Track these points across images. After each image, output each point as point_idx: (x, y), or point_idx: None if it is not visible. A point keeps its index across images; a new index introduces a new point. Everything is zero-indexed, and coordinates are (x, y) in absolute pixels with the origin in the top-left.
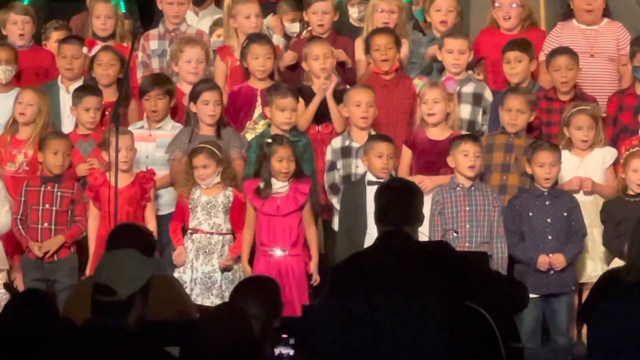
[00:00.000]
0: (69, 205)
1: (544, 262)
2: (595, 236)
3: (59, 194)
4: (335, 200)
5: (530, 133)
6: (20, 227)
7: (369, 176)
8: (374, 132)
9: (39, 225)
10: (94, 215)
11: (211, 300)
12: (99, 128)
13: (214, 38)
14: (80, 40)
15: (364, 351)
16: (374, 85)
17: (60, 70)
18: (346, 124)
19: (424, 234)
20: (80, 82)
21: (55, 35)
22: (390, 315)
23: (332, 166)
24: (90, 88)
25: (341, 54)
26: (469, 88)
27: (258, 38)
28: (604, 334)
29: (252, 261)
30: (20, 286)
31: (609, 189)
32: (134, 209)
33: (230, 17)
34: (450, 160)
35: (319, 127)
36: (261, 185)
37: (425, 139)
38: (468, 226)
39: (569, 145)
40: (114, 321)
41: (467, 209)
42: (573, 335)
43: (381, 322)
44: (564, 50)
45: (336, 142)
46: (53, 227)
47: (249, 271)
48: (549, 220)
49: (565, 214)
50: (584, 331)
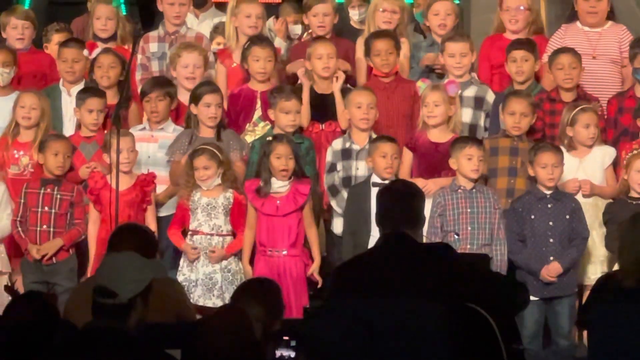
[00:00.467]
0: (68, 208)
1: (544, 275)
2: (595, 238)
3: (59, 196)
4: (334, 203)
5: (533, 135)
6: (19, 230)
7: (374, 178)
8: (374, 135)
9: (38, 228)
10: (93, 219)
11: (212, 301)
12: (101, 130)
13: (213, 45)
14: (80, 43)
15: (365, 353)
16: (374, 88)
17: (61, 74)
18: (348, 124)
19: (423, 236)
20: (82, 85)
21: (57, 38)
22: (391, 317)
23: (332, 168)
24: (94, 90)
25: (343, 64)
26: (470, 91)
27: (259, 40)
28: (603, 338)
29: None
30: (21, 289)
31: (609, 189)
32: (134, 212)
33: (232, 15)
34: (452, 163)
35: (323, 126)
36: (261, 183)
37: (426, 142)
38: (470, 228)
39: (569, 147)
40: (115, 324)
41: (469, 211)
42: (575, 337)
43: (382, 324)
44: (566, 49)
45: (337, 144)
46: (52, 230)
47: (250, 271)
48: (551, 224)
49: (568, 217)
50: (585, 333)
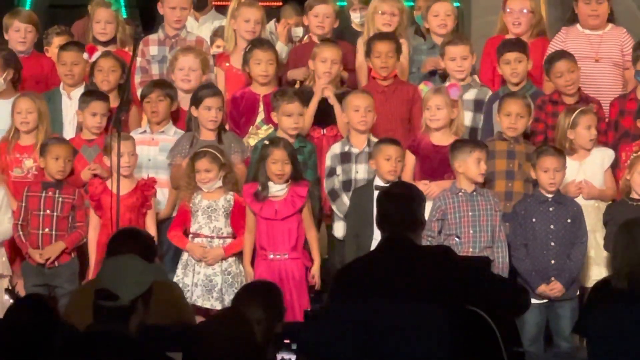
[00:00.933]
0: (69, 211)
1: (542, 292)
2: (599, 240)
3: (60, 199)
4: (335, 207)
5: (535, 138)
6: (20, 233)
7: (377, 180)
8: (373, 138)
9: (40, 231)
10: (94, 224)
11: (211, 302)
12: (103, 133)
13: (213, 49)
14: (80, 46)
15: (365, 356)
16: (372, 92)
17: (61, 77)
18: (347, 129)
19: (424, 239)
20: (82, 88)
21: (57, 41)
22: (392, 319)
23: (332, 172)
24: (98, 93)
25: (344, 74)
26: (470, 95)
27: (260, 43)
28: (601, 341)
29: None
30: (21, 292)
31: (608, 191)
32: (135, 216)
33: (232, 18)
34: (458, 166)
35: (324, 130)
36: (259, 187)
37: (429, 145)
38: (471, 231)
39: (568, 150)
40: (116, 326)
41: (470, 214)
42: (576, 340)
43: (383, 327)
44: (560, 55)
45: (335, 148)
46: (53, 233)
47: (251, 273)
48: (552, 227)
49: (569, 221)
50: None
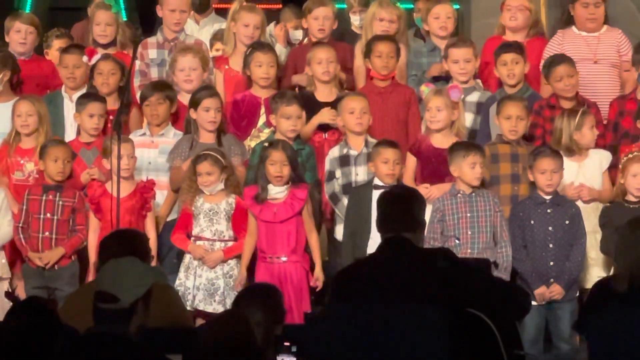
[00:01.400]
0: (70, 214)
1: (542, 295)
2: (599, 241)
3: (60, 202)
4: (337, 210)
5: (533, 142)
6: (21, 236)
7: (377, 180)
8: (371, 139)
9: (40, 234)
10: (93, 227)
11: (213, 306)
12: (101, 136)
13: (212, 52)
14: (81, 48)
15: (365, 358)
16: (369, 93)
17: (63, 80)
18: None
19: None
20: (84, 91)
21: (57, 44)
22: (392, 322)
23: (331, 176)
24: (95, 95)
25: (342, 76)
26: (473, 97)
27: (260, 46)
28: (601, 342)
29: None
30: (22, 294)
31: (606, 192)
32: (135, 219)
33: (232, 20)
34: (453, 170)
35: (326, 135)
36: (258, 190)
37: (429, 147)
38: (470, 232)
39: (567, 152)
40: (116, 329)
41: (469, 215)
42: (576, 341)
43: (383, 330)
44: (560, 59)
45: (334, 152)
46: (54, 237)
47: (244, 276)
48: (550, 229)
49: (567, 222)
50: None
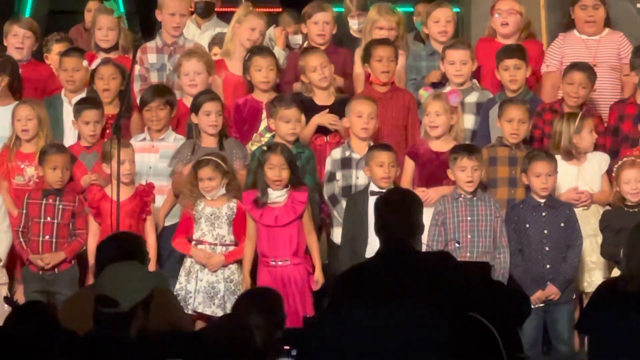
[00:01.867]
0: (70, 218)
1: (538, 299)
2: (596, 245)
3: (60, 206)
4: (335, 212)
5: (532, 145)
6: (21, 240)
7: (372, 186)
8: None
9: (40, 238)
10: (93, 231)
11: (212, 309)
12: (101, 140)
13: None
14: (81, 52)
15: None
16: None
17: (62, 83)
18: (347, 134)
19: (423, 244)
20: (83, 95)
21: (57, 48)
22: (392, 325)
23: (332, 177)
24: (90, 101)
25: (337, 79)
26: (472, 98)
27: (259, 50)
28: (605, 343)
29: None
30: (21, 298)
31: (604, 194)
32: (135, 222)
33: (237, 22)
34: (450, 174)
35: (327, 137)
36: (258, 194)
37: (428, 151)
38: (470, 236)
39: (566, 156)
40: (116, 332)
41: (469, 219)
42: (575, 343)
43: (382, 333)
44: (582, 67)
45: (336, 153)
46: (54, 240)
47: (249, 282)
48: (545, 232)
49: (562, 225)
50: (586, 339)
